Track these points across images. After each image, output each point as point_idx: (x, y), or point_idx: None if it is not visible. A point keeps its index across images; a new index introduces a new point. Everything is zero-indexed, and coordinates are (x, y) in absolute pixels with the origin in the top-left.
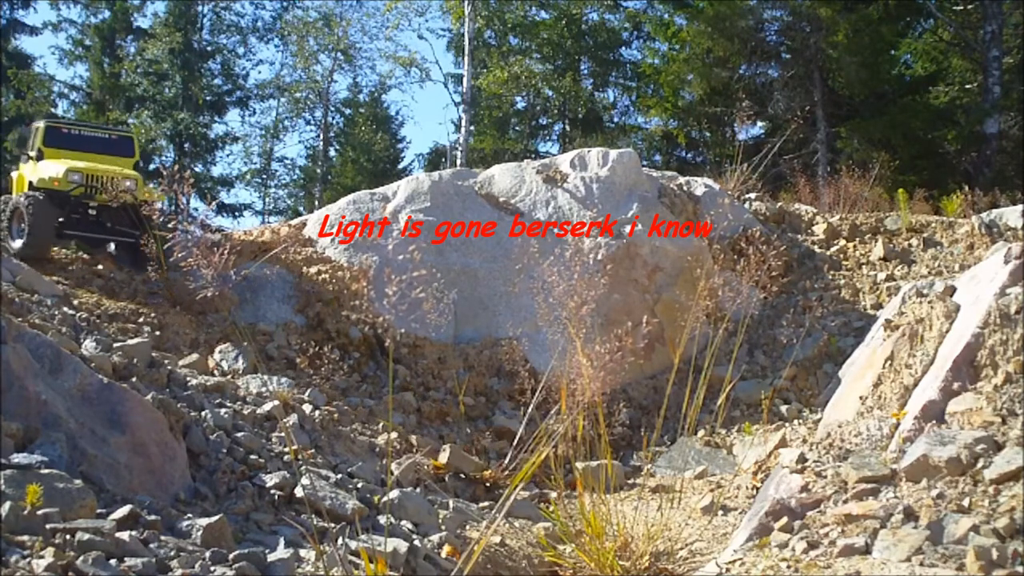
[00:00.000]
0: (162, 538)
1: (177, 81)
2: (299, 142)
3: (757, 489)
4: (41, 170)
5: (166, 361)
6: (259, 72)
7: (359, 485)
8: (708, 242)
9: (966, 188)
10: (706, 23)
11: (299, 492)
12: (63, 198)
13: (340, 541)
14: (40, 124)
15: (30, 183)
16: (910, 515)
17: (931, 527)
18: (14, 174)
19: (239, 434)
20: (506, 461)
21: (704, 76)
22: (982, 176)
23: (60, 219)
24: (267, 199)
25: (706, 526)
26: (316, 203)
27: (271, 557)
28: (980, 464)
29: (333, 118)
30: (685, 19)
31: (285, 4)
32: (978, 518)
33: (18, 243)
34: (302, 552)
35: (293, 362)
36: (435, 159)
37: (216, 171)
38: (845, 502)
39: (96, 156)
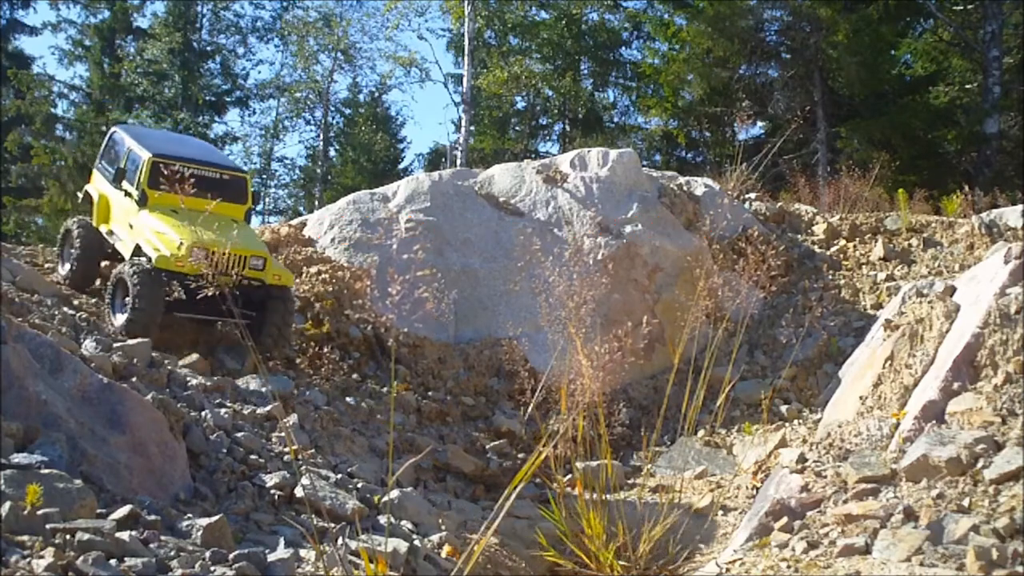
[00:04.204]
0: (162, 538)
1: (177, 81)
2: (299, 142)
3: (757, 489)
4: (148, 229)
5: (166, 361)
6: (259, 72)
7: (359, 485)
8: (708, 242)
9: (966, 188)
10: (706, 23)
11: (299, 492)
12: (178, 275)
13: (340, 541)
14: (145, 157)
15: (136, 247)
16: (910, 515)
17: (931, 527)
18: (92, 192)
19: (239, 434)
20: (507, 462)
21: (704, 76)
22: (982, 176)
23: (169, 296)
24: (267, 199)
25: (706, 526)
26: (316, 203)
27: (271, 557)
28: (980, 464)
29: (333, 118)
30: (685, 19)
31: (285, 4)
32: (978, 518)
33: (120, 319)
34: (302, 552)
35: (293, 362)
36: (435, 159)
37: None
38: (845, 502)
39: (205, 202)
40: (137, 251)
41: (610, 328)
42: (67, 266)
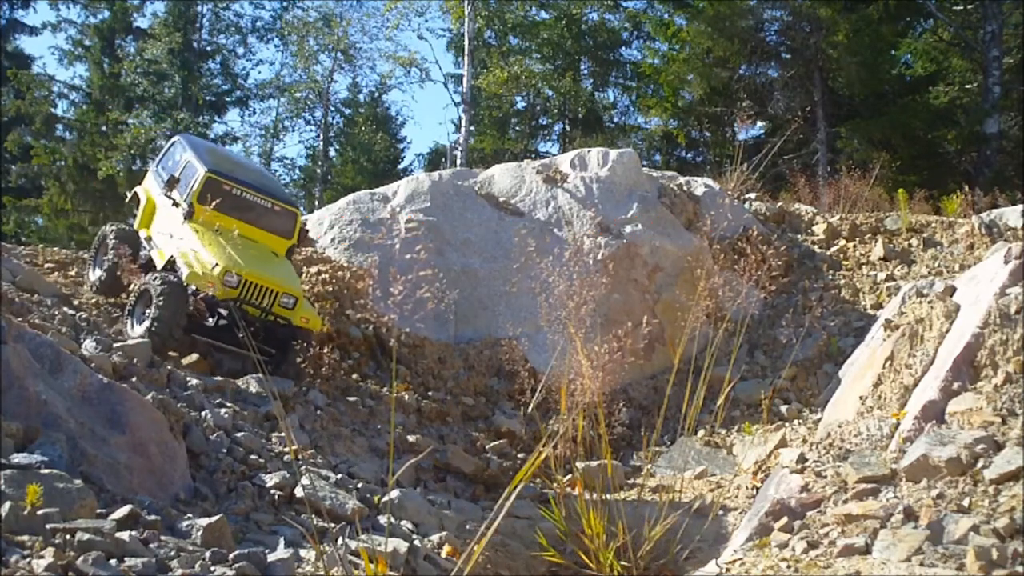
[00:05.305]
0: (162, 538)
1: (177, 81)
2: (299, 142)
3: (757, 489)
4: (187, 244)
5: (166, 361)
6: (259, 72)
7: (359, 485)
8: (708, 242)
9: (966, 188)
10: (706, 23)
11: (299, 492)
12: (205, 297)
13: (340, 541)
14: (201, 171)
15: (171, 260)
16: (910, 515)
17: (931, 527)
18: (141, 193)
19: (239, 434)
20: (507, 462)
21: (704, 76)
22: (982, 176)
23: (192, 314)
24: None
25: (706, 526)
26: (316, 203)
27: (271, 557)
28: (980, 464)
29: (333, 118)
30: (685, 19)
31: (285, 4)
32: (978, 518)
33: (138, 329)
34: (302, 552)
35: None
36: (435, 159)
37: None
38: (845, 502)
39: (251, 228)
40: (170, 264)
41: (610, 328)
42: (98, 272)
